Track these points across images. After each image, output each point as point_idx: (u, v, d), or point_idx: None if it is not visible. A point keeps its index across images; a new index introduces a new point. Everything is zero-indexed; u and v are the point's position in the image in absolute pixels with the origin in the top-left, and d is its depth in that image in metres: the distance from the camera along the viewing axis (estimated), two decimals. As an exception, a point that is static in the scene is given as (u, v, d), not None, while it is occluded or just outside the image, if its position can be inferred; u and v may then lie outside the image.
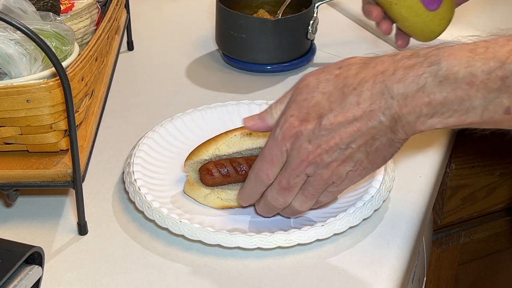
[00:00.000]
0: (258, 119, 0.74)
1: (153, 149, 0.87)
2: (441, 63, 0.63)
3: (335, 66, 0.70)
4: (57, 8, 0.88)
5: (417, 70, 0.64)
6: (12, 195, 0.77)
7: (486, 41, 0.62)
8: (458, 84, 0.62)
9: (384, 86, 0.65)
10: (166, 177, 0.85)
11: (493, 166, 1.22)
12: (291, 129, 0.68)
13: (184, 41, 1.21)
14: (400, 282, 0.73)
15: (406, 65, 0.65)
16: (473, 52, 0.62)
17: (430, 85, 0.63)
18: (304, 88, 0.69)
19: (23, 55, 0.76)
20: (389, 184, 0.81)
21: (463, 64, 0.62)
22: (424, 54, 0.64)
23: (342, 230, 0.76)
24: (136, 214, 0.81)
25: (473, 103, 0.62)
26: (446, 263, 1.29)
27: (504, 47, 0.61)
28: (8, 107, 0.72)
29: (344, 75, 0.68)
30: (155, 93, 1.06)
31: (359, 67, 0.68)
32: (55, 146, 0.77)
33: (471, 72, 0.61)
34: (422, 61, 0.64)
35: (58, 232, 0.79)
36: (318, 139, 0.68)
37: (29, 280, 0.64)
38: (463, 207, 1.24)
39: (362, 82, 0.66)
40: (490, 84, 0.61)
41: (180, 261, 0.75)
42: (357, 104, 0.66)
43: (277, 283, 0.72)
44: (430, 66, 0.63)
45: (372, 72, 0.66)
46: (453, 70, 0.62)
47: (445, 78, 0.62)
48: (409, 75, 0.64)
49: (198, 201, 0.81)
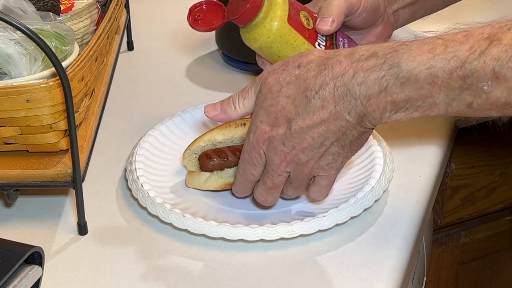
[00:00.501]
0: (220, 111, 0.75)
1: (154, 147, 0.88)
2: (401, 65, 0.63)
3: (294, 64, 0.70)
4: (57, 8, 0.88)
5: (377, 72, 0.64)
6: (12, 195, 0.77)
7: (444, 39, 0.62)
8: (420, 85, 0.63)
9: (346, 89, 0.66)
10: (168, 174, 0.86)
11: (493, 166, 1.22)
12: (263, 134, 0.71)
13: (184, 41, 1.21)
14: (400, 282, 0.73)
15: (365, 67, 0.65)
16: (432, 52, 0.62)
17: (392, 87, 0.64)
18: (268, 93, 0.70)
19: (23, 55, 0.76)
20: (389, 175, 0.82)
21: (424, 65, 0.62)
22: (383, 54, 0.64)
23: (343, 220, 0.77)
24: (137, 214, 0.81)
25: (436, 100, 0.63)
26: (446, 263, 1.29)
27: (463, 44, 0.61)
28: (8, 107, 0.72)
29: (304, 76, 0.68)
30: (155, 93, 1.06)
31: (317, 67, 0.68)
32: (55, 146, 0.77)
33: (432, 73, 0.62)
34: (381, 63, 0.64)
35: (58, 232, 0.79)
36: (291, 141, 0.70)
37: (29, 280, 0.64)
38: (463, 207, 1.24)
39: (323, 85, 0.67)
40: (452, 83, 0.61)
41: (182, 259, 0.75)
42: (322, 107, 0.67)
43: (277, 283, 0.72)
44: (390, 69, 0.63)
45: (331, 74, 0.67)
46: (414, 72, 0.62)
47: (407, 80, 0.63)
48: (369, 77, 0.65)
49: (200, 187, 0.82)
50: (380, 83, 0.64)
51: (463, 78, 0.60)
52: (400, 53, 0.63)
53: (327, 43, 0.83)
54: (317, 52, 0.70)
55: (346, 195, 0.81)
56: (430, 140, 0.94)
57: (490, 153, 1.20)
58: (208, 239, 0.77)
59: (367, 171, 0.83)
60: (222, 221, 0.76)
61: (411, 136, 0.94)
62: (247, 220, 0.78)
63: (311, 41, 0.82)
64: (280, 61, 0.74)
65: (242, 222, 0.77)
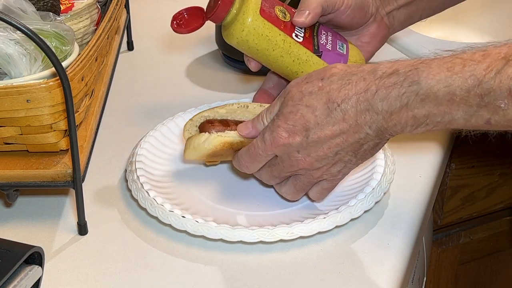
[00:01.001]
0: (251, 128, 0.77)
1: (155, 147, 0.88)
2: (421, 82, 0.66)
3: (317, 77, 0.72)
4: (57, 8, 0.88)
5: (398, 89, 0.67)
6: (12, 195, 0.77)
7: (463, 58, 0.65)
8: (439, 101, 0.65)
9: (368, 104, 0.68)
10: (169, 174, 0.86)
11: (493, 166, 1.22)
12: (278, 139, 0.72)
13: (184, 41, 1.21)
14: (400, 282, 0.73)
15: (387, 84, 0.67)
16: (450, 70, 0.64)
17: (413, 103, 0.66)
18: (289, 100, 0.72)
19: (23, 55, 0.76)
20: (390, 177, 0.83)
21: (442, 83, 0.65)
22: (404, 72, 0.67)
23: (343, 222, 0.77)
24: (137, 214, 0.81)
25: (455, 116, 0.65)
26: (446, 263, 1.29)
27: (480, 63, 0.63)
28: (8, 107, 0.72)
29: (327, 89, 0.70)
30: (155, 93, 1.06)
31: (341, 80, 0.70)
32: (55, 146, 0.77)
33: (451, 91, 0.64)
34: (402, 81, 0.67)
35: (58, 232, 0.79)
36: (307, 149, 0.72)
37: (29, 280, 0.64)
38: (463, 207, 1.24)
39: (346, 99, 0.69)
40: (470, 101, 0.64)
41: (182, 260, 0.75)
42: (342, 120, 0.70)
43: (277, 283, 0.72)
44: (410, 86, 0.66)
45: (354, 89, 0.69)
46: (433, 90, 0.65)
47: (426, 97, 0.65)
48: (391, 94, 0.67)
49: (199, 151, 0.79)
50: (401, 99, 0.67)
51: (481, 96, 0.63)
52: (420, 71, 0.66)
53: (306, 34, 0.85)
54: (340, 66, 0.72)
55: (347, 196, 0.81)
56: (430, 140, 0.94)
57: (490, 153, 1.20)
58: (208, 240, 0.77)
59: (368, 172, 0.83)
60: (222, 222, 0.76)
61: (411, 136, 0.94)
62: (247, 221, 0.78)
63: (287, 32, 0.84)
64: (260, 55, 0.82)
65: (242, 224, 0.77)
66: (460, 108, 0.64)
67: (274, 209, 0.81)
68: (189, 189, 0.84)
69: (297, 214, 0.79)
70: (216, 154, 0.80)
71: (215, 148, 0.79)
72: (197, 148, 0.80)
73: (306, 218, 0.77)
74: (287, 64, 0.85)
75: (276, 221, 0.78)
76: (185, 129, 0.83)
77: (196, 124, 0.83)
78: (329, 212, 0.77)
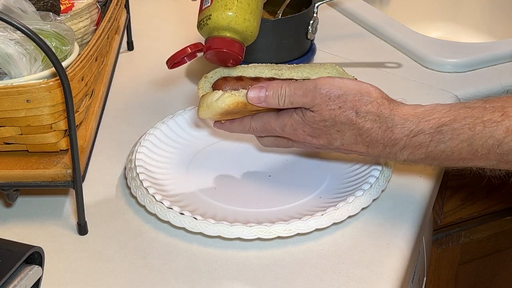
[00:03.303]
0: (263, 101, 0.76)
1: (155, 145, 0.89)
2: (446, 142, 0.72)
3: (351, 105, 0.74)
4: (57, 8, 0.88)
5: (425, 149, 0.73)
6: (12, 195, 0.77)
7: (482, 119, 0.70)
8: (463, 156, 0.72)
9: (393, 155, 0.75)
10: (169, 172, 0.86)
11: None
12: (299, 135, 0.77)
13: (184, 41, 1.20)
14: (400, 282, 0.73)
15: (413, 143, 0.73)
16: (472, 130, 0.70)
17: (438, 159, 0.73)
18: (321, 122, 0.75)
19: (23, 55, 0.76)
20: (388, 174, 0.83)
21: (465, 143, 0.71)
22: (429, 134, 0.72)
23: (341, 219, 0.77)
24: (136, 214, 0.81)
25: (478, 164, 0.73)
26: (446, 263, 1.29)
27: (499, 124, 0.69)
28: (8, 107, 0.72)
29: (359, 126, 0.74)
30: (155, 93, 1.06)
31: (374, 122, 0.74)
32: (55, 146, 0.77)
33: (473, 149, 0.71)
34: (428, 142, 0.72)
35: (58, 232, 0.79)
36: (326, 150, 0.79)
37: (29, 280, 0.64)
38: (463, 207, 1.24)
39: (374, 142, 0.75)
40: (490, 157, 0.70)
41: (181, 259, 0.75)
42: (366, 150, 0.76)
43: (277, 283, 0.72)
44: (437, 146, 0.72)
45: (383, 140, 0.74)
46: (457, 148, 0.71)
47: (452, 153, 0.72)
48: (416, 153, 0.73)
49: (212, 109, 0.77)
50: (427, 155, 0.73)
51: (501, 155, 0.70)
52: (443, 132, 0.72)
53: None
54: (379, 95, 0.75)
55: (345, 193, 0.81)
56: (430, 140, 0.94)
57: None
58: (207, 238, 0.77)
59: (366, 169, 0.84)
60: (221, 219, 0.76)
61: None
62: (246, 218, 0.78)
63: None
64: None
65: (241, 220, 0.77)
66: (481, 161, 0.71)
67: (272, 206, 0.81)
68: (188, 186, 0.84)
69: (295, 211, 0.79)
70: (230, 112, 0.77)
71: (228, 107, 0.76)
72: (210, 106, 0.77)
73: (304, 215, 0.77)
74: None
75: (274, 218, 0.78)
76: (199, 87, 0.81)
77: (210, 81, 0.81)
78: (327, 209, 0.77)
